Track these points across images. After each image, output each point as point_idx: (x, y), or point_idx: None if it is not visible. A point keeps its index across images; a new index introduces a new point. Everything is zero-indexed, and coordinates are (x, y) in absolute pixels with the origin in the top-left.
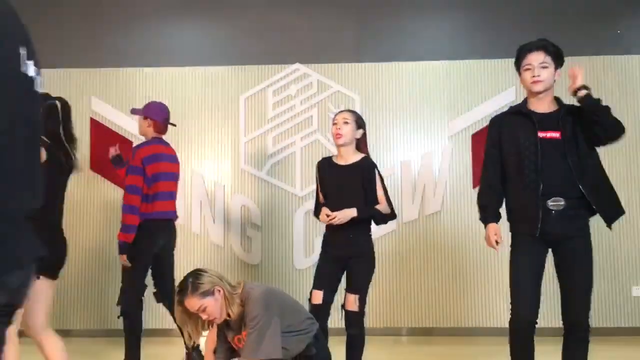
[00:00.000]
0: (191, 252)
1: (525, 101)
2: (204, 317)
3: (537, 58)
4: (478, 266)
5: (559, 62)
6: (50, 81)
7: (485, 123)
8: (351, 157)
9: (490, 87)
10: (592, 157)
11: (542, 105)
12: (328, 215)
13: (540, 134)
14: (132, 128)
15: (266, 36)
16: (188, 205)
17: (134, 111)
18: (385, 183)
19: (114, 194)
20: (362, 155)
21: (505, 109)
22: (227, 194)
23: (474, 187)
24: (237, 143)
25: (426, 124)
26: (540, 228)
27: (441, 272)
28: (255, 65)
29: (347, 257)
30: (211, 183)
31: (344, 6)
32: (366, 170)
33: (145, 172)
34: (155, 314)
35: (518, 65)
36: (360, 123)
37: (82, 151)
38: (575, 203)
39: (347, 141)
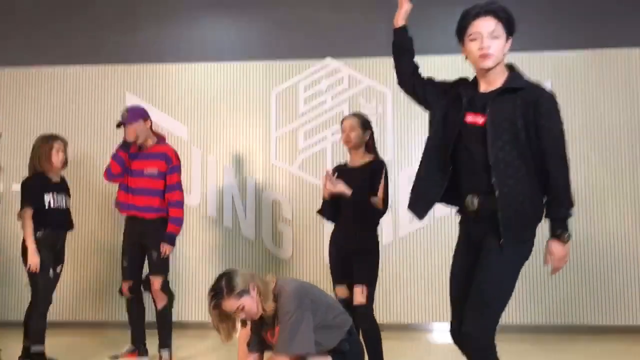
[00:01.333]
0: (223, 247)
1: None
2: (242, 316)
3: (486, 25)
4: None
5: (510, 30)
6: (87, 77)
7: None
8: (360, 159)
9: None
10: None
11: (491, 85)
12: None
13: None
14: (165, 123)
15: (297, 31)
16: (220, 200)
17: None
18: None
19: None
20: (371, 157)
21: None
22: (259, 188)
23: None
24: (268, 138)
25: None
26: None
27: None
28: (287, 61)
29: (352, 252)
30: (242, 178)
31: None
32: (373, 172)
33: None
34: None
35: (461, 34)
36: (366, 125)
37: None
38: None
39: (356, 145)
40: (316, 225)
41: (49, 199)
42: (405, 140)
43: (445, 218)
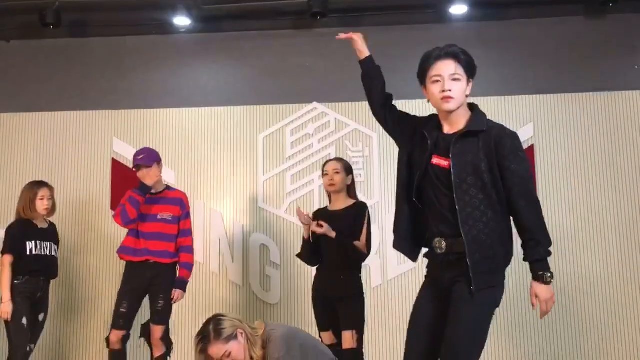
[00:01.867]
0: (210, 292)
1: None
2: None
3: (447, 68)
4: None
5: (471, 72)
6: (75, 123)
7: None
8: (343, 203)
9: (507, 124)
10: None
11: (454, 127)
12: (319, 225)
13: (434, 159)
14: None
15: (283, 76)
16: (207, 244)
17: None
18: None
19: None
20: (353, 201)
21: (524, 146)
22: (246, 232)
23: None
24: (255, 182)
25: None
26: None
27: None
28: (273, 105)
29: (337, 298)
30: (230, 222)
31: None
32: (356, 215)
33: None
34: None
35: (423, 77)
36: (349, 170)
37: (104, 191)
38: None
39: (339, 189)
40: (305, 269)
41: (31, 246)
42: (391, 183)
43: None
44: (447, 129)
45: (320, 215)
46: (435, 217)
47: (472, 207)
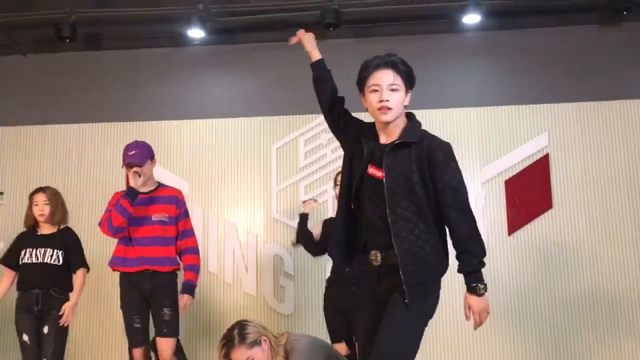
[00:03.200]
0: (224, 302)
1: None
2: None
3: (385, 77)
4: (519, 316)
5: (410, 83)
6: (90, 135)
7: (519, 169)
8: None
9: (521, 133)
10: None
11: (389, 137)
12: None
13: (370, 169)
14: (167, 180)
15: (296, 87)
16: (221, 255)
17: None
18: None
19: None
20: None
21: (538, 155)
22: (260, 243)
23: (509, 234)
24: (269, 192)
25: None
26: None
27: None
28: (287, 116)
29: (350, 309)
30: (244, 232)
31: (372, 55)
32: None
33: None
34: None
35: (361, 85)
36: None
37: None
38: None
39: None
40: (319, 280)
41: (24, 254)
42: None
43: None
44: (384, 139)
45: (332, 224)
46: (370, 226)
47: (404, 219)
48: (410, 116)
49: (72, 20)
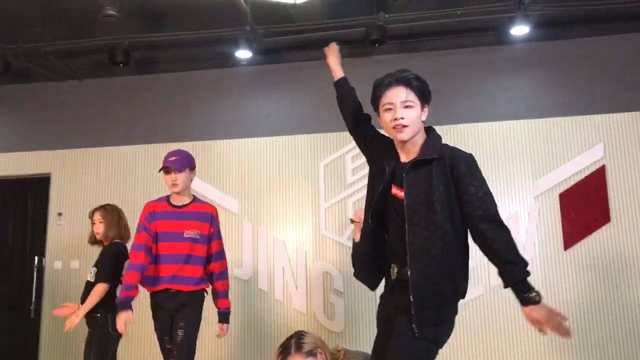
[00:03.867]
0: (275, 319)
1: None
2: None
3: (398, 95)
4: (578, 334)
5: (425, 98)
6: (143, 156)
7: (573, 182)
8: None
9: (575, 145)
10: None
11: (409, 155)
12: None
13: (394, 189)
14: (217, 198)
15: None
16: (271, 273)
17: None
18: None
19: None
20: None
21: (594, 166)
22: (309, 260)
23: (565, 249)
24: (317, 209)
25: (510, 184)
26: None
27: (534, 339)
28: (334, 133)
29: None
30: (293, 249)
31: (419, 70)
32: None
33: None
34: None
35: (375, 104)
36: None
37: None
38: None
39: None
40: (369, 296)
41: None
42: None
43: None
44: (404, 158)
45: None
46: (393, 244)
47: (421, 239)
48: (429, 131)
49: (125, 45)
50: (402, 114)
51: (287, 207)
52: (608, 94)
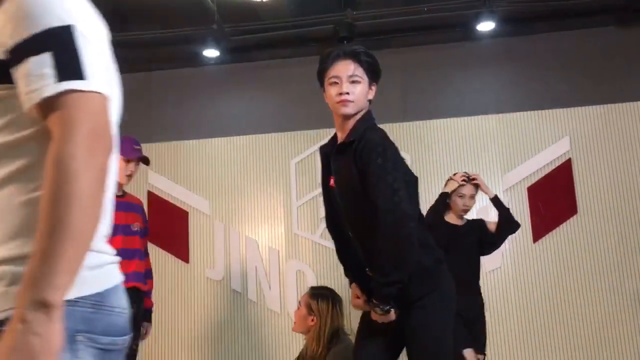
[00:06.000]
0: (249, 320)
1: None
2: None
3: (345, 69)
4: (546, 324)
5: (373, 75)
6: None
7: (541, 175)
8: None
9: (542, 139)
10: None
11: (346, 137)
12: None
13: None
14: (187, 199)
15: (313, 102)
16: (244, 273)
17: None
18: None
19: (173, 263)
20: None
21: (561, 160)
22: (282, 259)
23: (534, 241)
24: (289, 208)
25: None
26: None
27: (507, 331)
28: (304, 131)
29: (476, 317)
30: (265, 249)
31: (387, 66)
32: None
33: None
34: None
35: (321, 78)
36: None
37: None
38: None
39: None
40: (341, 294)
41: None
42: (427, 203)
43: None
44: (340, 139)
45: None
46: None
47: (360, 225)
48: (367, 113)
49: None
50: (348, 89)
51: (258, 206)
52: (573, 88)
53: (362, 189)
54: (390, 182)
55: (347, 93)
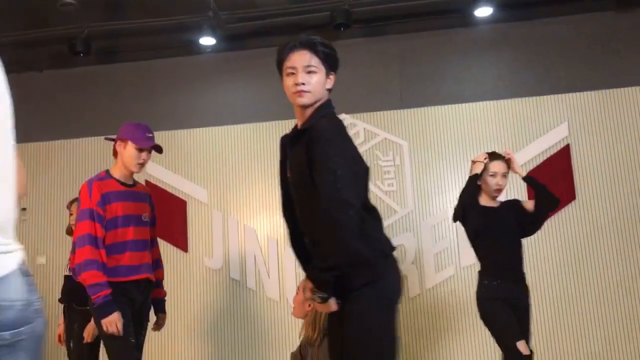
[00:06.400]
0: (248, 308)
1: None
2: None
3: (301, 59)
4: (546, 309)
5: (331, 65)
6: (108, 148)
7: (539, 161)
8: None
9: (541, 124)
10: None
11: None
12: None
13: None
14: (185, 188)
15: None
16: (243, 261)
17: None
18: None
19: (172, 253)
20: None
21: (559, 145)
22: (281, 247)
23: None
24: None
25: None
26: None
27: None
28: None
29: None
30: (264, 237)
31: (385, 53)
32: None
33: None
34: None
35: (280, 68)
36: None
37: None
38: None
39: None
40: None
41: None
42: (424, 190)
43: (472, 267)
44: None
45: None
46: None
47: (309, 218)
48: (326, 103)
49: (85, 34)
50: (304, 79)
51: (256, 194)
52: (571, 73)
53: (311, 178)
54: (333, 169)
55: (303, 83)
